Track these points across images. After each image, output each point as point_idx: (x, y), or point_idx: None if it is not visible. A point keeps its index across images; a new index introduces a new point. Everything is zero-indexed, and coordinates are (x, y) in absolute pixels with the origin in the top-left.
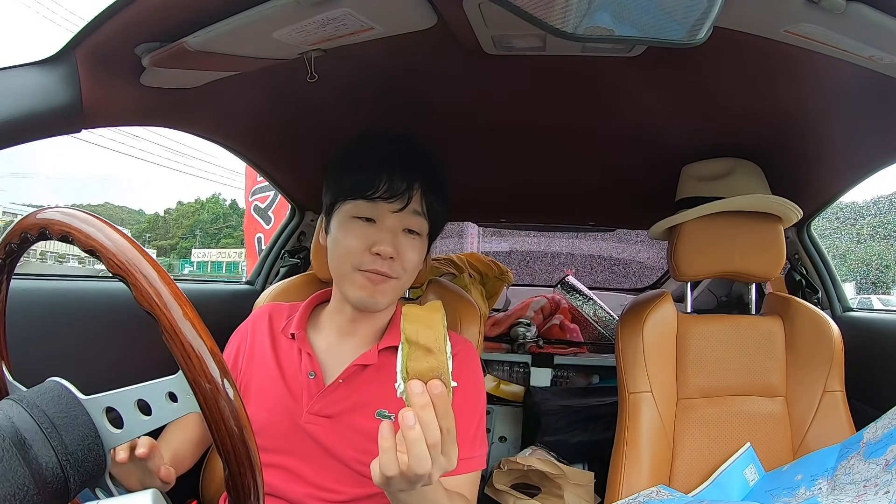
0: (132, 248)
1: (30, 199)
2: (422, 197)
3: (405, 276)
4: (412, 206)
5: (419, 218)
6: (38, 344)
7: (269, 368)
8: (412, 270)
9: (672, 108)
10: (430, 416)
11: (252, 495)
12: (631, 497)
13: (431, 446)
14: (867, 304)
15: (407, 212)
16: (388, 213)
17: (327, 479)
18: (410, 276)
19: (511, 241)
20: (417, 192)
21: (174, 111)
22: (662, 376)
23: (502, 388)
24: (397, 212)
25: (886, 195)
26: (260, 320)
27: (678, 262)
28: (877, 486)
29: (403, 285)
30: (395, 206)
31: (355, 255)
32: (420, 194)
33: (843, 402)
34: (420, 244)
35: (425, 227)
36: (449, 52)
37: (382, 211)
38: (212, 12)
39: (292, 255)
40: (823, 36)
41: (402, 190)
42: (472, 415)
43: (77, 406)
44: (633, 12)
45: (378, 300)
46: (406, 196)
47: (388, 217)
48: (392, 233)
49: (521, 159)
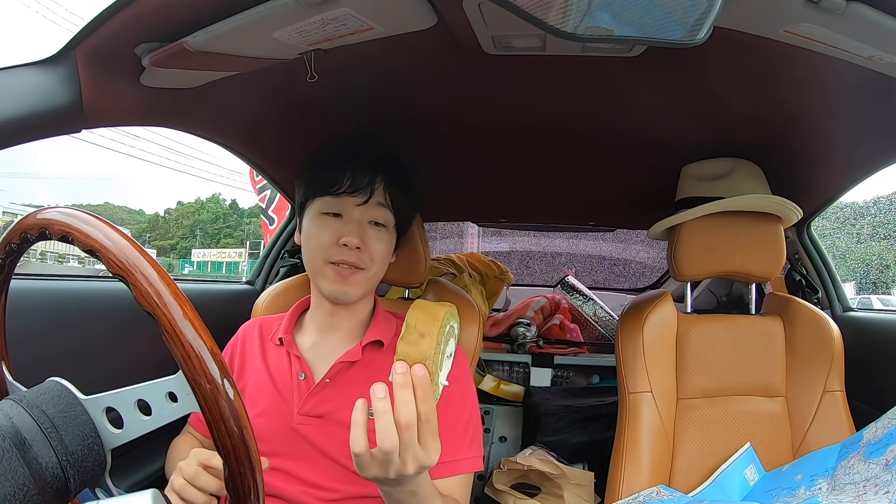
0: (132, 248)
1: (30, 199)
2: (385, 190)
3: (374, 266)
4: (375, 199)
5: (383, 209)
6: (38, 344)
7: (260, 375)
8: (381, 261)
9: (672, 108)
10: (406, 395)
11: (252, 495)
12: (631, 497)
13: (403, 426)
14: (867, 304)
15: (371, 204)
16: (352, 206)
17: (322, 478)
18: (380, 267)
19: (511, 241)
20: (380, 185)
21: (174, 111)
22: (662, 376)
23: (502, 388)
24: (361, 205)
25: (886, 195)
26: (250, 333)
27: (678, 262)
28: (877, 486)
29: (373, 276)
30: (359, 200)
31: (325, 248)
32: (383, 187)
33: (843, 402)
34: (386, 235)
35: (391, 219)
36: (449, 52)
37: (348, 205)
38: (212, 12)
39: (292, 255)
40: (823, 36)
41: (364, 184)
42: (459, 413)
43: (77, 406)
44: (633, 12)
45: (349, 291)
46: (369, 189)
47: (354, 210)
48: (358, 224)
49: (521, 159)
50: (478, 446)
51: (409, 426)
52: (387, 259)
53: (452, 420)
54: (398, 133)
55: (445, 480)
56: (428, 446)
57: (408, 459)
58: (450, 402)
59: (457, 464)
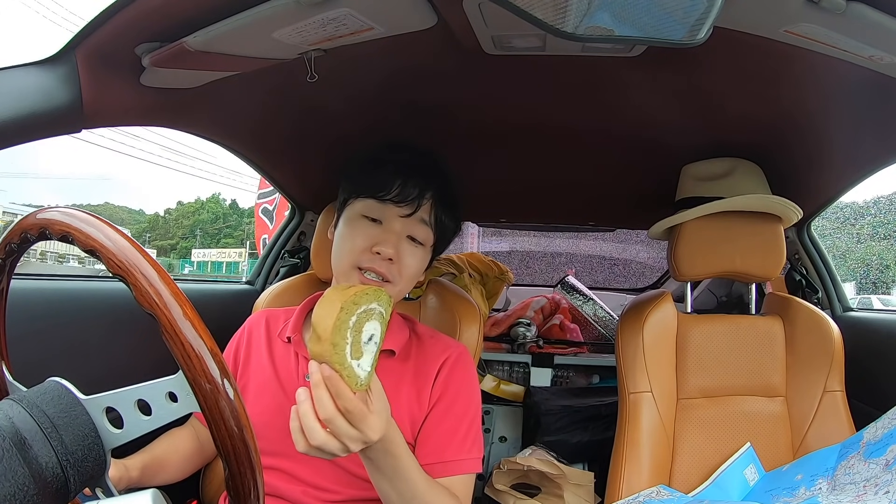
0: (132, 248)
1: (30, 199)
2: (432, 207)
3: (401, 282)
4: (420, 214)
5: (425, 227)
6: (38, 344)
7: (265, 372)
8: (409, 277)
9: (672, 108)
10: (321, 393)
11: (252, 495)
12: (631, 497)
13: (325, 420)
14: (867, 304)
15: (414, 219)
16: (395, 216)
17: (324, 479)
18: (407, 284)
19: (511, 241)
20: (428, 202)
21: (174, 111)
22: (662, 376)
23: (502, 388)
24: (405, 217)
25: (886, 195)
26: (256, 325)
27: (678, 262)
28: (877, 486)
29: (399, 292)
30: (404, 211)
31: (356, 252)
32: (430, 205)
33: (843, 402)
34: (422, 254)
35: (430, 238)
36: (449, 52)
37: (390, 213)
38: (212, 12)
39: (292, 255)
40: (823, 36)
41: (413, 196)
42: (462, 417)
43: (77, 406)
44: (633, 12)
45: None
46: (416, 203)
47: (395, 221)
48: (396, 236)
49: (521, 159)
50: (478, 448)
51: (331, 420)
52: (416, 276)
53: (455, 422)
54: (398, 133)
55: (446, 480)
56: (362, 429)
57: (347, 443)
58: (455, 405)
59: (458, 464)
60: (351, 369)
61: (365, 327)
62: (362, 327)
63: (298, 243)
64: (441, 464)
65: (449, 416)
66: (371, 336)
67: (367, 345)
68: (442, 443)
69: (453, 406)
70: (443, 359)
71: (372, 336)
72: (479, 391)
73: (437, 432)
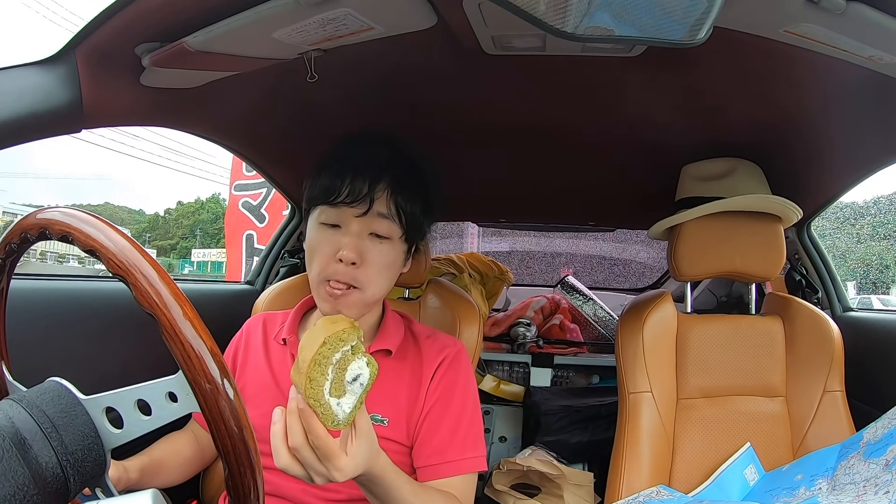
0: (132, 248)
1: (30, 199)
2: (389, 198)
3: (370, 286)
4: (376, 209)
5: (385, 221)
6: (38, 344)
7: (262, 374)
8: (381, 276)
9: (672, 108)
10: (293, 421)
11: (252, 495)
12: (631, 497)
13: (293, 449)
14: (867, 304)
15: (371, 215)
16: (351, 217)
17: None
18: (378, 286)
19: (511, 241)
20: (383, 193)
21: (174, 111)
22: (662, 376)
23: (502, 388)
24: (360, 216)
25: (886, 195)
26: (254, 328)
27: (678, 262)
28: (877, 486)
29: (370, 297)
30: (358, 211)
31: (323, 264)
32: (386, 196)
33: (843, 402)
34: (389, 248)
35: (396, 230)
36: (449, 53)
37: (346, 216)
38: (212, 12)
39: (292, 255)
40: (823, 36)
41: (363, 193)
42: (461, 416)
43: (77, 406)
44: (633, 12)
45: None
46: (368, 199)
47: (352, 222)
48: (356, 237)
49: (521, 159)
50: (480, 445)
51: (298, 450)
52: (389, 273)
53: (455, 422)
54: (397, 133)
55: (448, 480)
56: (328, 467)
57: (311, 474)
58: (453, 404)
59: (459, 463)
60: (328, 407)
61: (350, 366)
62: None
63: (298, 243)
64: (443, 464)
65: (448, 416)
66: (357, 377)
67: (350, 384)
68: (442, 443)
69: (452, 405)
70: (440, 358)
71: (358, 377)
72: (476, 388)
73: (437, 432)
